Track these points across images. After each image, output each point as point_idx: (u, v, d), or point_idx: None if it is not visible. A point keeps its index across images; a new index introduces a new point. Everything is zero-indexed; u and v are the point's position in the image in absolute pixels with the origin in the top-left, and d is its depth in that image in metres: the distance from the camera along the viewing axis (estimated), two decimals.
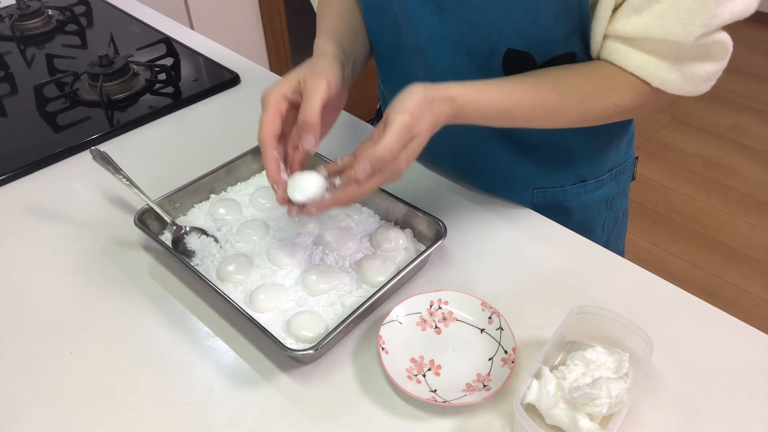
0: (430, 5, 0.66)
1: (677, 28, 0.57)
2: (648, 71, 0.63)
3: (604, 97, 0.65)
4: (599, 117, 0.67)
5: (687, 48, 0.60)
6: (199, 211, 0.79)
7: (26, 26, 1.25)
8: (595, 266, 0.73)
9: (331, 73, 0.64)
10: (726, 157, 2.46)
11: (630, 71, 0.63)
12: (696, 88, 0.63)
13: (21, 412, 0.59)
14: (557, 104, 0.65)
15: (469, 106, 0.62)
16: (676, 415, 0.57)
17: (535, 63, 0.66)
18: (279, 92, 0.62)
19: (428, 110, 0.59)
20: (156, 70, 1.09)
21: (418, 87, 0.60)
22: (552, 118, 0.67)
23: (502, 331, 0.63)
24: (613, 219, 0.90)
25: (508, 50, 0.65)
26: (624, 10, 0.60)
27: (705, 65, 0.62)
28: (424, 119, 0.59)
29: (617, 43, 0.63)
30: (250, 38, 2.19)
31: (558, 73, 0.66)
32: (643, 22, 0.59)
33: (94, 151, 0.78)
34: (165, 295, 0.70)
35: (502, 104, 0.64)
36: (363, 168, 0.57)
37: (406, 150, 0.58)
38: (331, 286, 0.68)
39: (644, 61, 0.62)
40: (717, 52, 0.61)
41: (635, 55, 0.62)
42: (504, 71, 0.67)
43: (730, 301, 1.90)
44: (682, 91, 0.63)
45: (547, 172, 0.81)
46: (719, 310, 0.67)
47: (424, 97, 0.59)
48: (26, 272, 0.74)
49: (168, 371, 0.62)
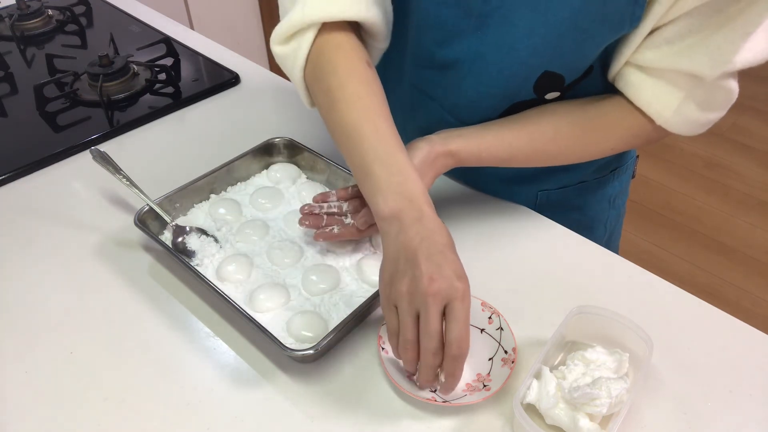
0: (475, 21, 0.64)
1: (704, 61, 0.58)
2: (654, 109, 0.64)
3: (604, 142, 0.69)
4: (598, 156, 0.73)
5: (701, 88, 0.61)
6: (199, 211, 0.79)
7: (26, 26, 1.25)
8: (595, 266, 0.73)
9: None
10: (726, 157, 2.45)
11: (638, 105, 0.65)
12: (693, 131, 0.66)
13: (21, 412, 0.59)
14: (555, 153, 0.70)
15: (470, 159, 0.67)
16: (676, 415, 0.57)
17: (564, 82, 0.66)
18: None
19: (430, 167, 0.65)
20: (156, 70, 1.09)
21: (422, 144, 0.65)
22: (552, 162, 0.72)
23: (502, 331, 0.63)
24: (616, 217, 0.91)
25: (544, 72, 0.65)
26: (655, 40, 0.60)
27: (708, 114, 0.64)
28: (427, 175, 0.64)
29: (635, 73, 0.64)
30: (250, 38, 2.19)
31: (558, 121, 0.68)
32: (673, 53, 0.60)
33: (94, 151, 0.78)
34: (165, 295, 0.70)
35: (502, 155, 0.68)
36: (363, 222, 0.66)
37: None
38: (331, 286, 0.68)
39: (654, 97, 0.64)
40: (725, 100, 0.63)
41: (648, 88, 0.63)
42: (534, 91, 0.67)
43: (730, 301, 1.90)
44: (681, 132, 0.66)
45: (551, 174, 0.81)
46: (719, 310, 0.67)
47: (427, 155, 0.64)
48: (26, 272, 0.74)
49: (168, 371, 0.62)
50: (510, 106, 0.70)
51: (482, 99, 0.70)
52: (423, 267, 0.50)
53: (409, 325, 0.52)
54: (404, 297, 0.51)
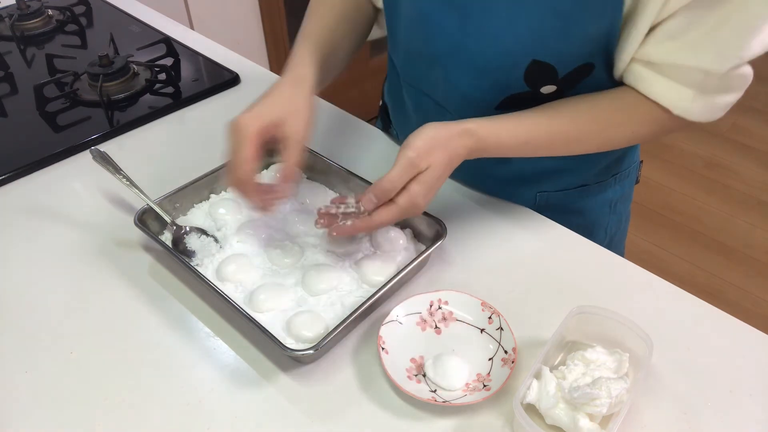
0: (456, 12, 0.65)
1: (710, 57, 0.58)
2: (670, 100, 0.63)
3: (624, 126, 0.67)
4: (619, 143, 0.69)
5: (713, 79, 0.60)
6: (199, 211, 0.79)
7: (26, 26, 1.25)
8: (595, 266, 0.73)
9: (310, 111, 0.67)
10: (726, 157, 2.46)
11: (652, 98, 0.64)
12: (713, 116, 0.64)
13: (21, 412, 0.59)
14: (577, 134, 0.67)
15: (489, 138, 0.64)
16: (676, 415, 0.57)
17: (557, 74, 0.66)
18: (257, 128, 0.63)
19: (440, 146, 0.61)
20: (156, 70, 1.09)
21: (431, 126, 0.62)
22: (572, 147, 0.68)
23: (502, 331, 0.63)
24: (617, 222, 0.90)
25: (532, 61, 0.64)
26: (657, 35, 0.60)
27: (725, 96, 0.63)
28: (434, 154, 0.61)
29: (643, 69, 0.63)
30: (250, 38, 2.19)
31: (576, 105, 0.67)
32: (677, 48, 0.59)
33: (94, 151, 0.78)
34: (165, 295, 0.70)
35: (522, 136, 0.65)
36: (368, 198, 0.62)
37: (418, 182, 0.61)
38: (331, 286, 0.68)
39: (667, 89, 0.63)
40: (738, 83, 0.62)
41: (660, 82, 0.63)
42: (525, 82, 0.67)
43: (730, 301, 1.90)
44: (701, 119, 0.64)
45: (550, 176, 0.81)
46: (719, 310, 0.67)
47: (434, 136, 0.61)
48: (26, 272, 0.74)
49: (168, 371, 0.62)
50: (505, 98, 0.70)
51: (473, 91, 0.70)
52: None
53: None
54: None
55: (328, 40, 0.74)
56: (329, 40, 0.74)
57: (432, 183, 0.61)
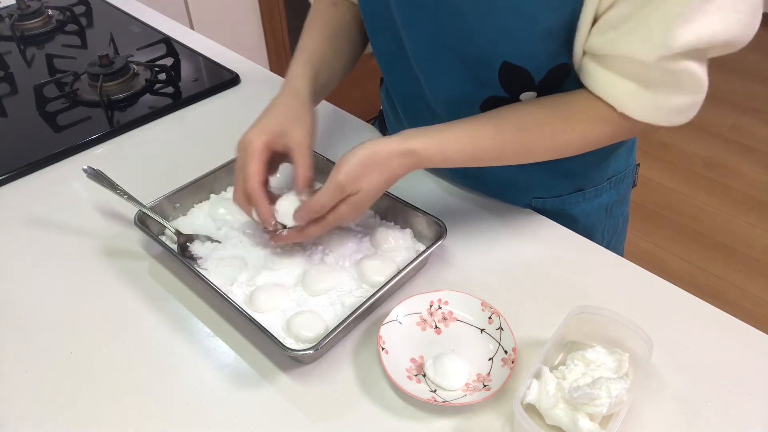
0: (429, 16, 0.65)
1: (637, 45, 0.56)
2: (612, 95, 0.61)
3: (572, 131, 0.65)
4: (571, 150, 0.67)
5: (652, 71, 0.58)
6: (199, 211, 0.79)
7: (26, 26, 1.25)
8: (595, 266, 0.73)
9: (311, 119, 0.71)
10: (726, 157, 2.45)
11: (597, 94, 0.62)
12: (667, 119, 0.61)
13: (21, 412, 0.59)
14: (525, 144, 0.67)
15: (435, 156, 0.65)
16: (676, 415, 0.57)
17: (532, 78, 0.65)
18: (262, 142, 0.67)
19: (375, 167, 0.63)
20: (156, 70, 1.09)
21: (369, 145, 0.64)
22: (522, 157, 0.68)
23: (502, 331, 0.63)
24: (613, 226, 0.90)
25: (504, 63, 0.64)
26: (601, 25, 0.58)
27: (675, 97, 0.60)
28: (366, 178, 0.63)
29: (590, 62, 0.62)
30: (250, 38, 2.19)
31: (523, 112, 0.66)
32: (616, 37, 0.57)
33: (88, 170, 0.76)
34: (165, 295, 0.70)
35: (469, 150, 0.66)
36: (300, 215, 0.66)
37: (347, 204, 0.64)
38: (331, 286, 0.68)
39: (611, 83, 0.61)
40: (688, 84, 0.59)
41: (604, 76, 0.61)
42: (501, 85, 0.67)
43: (730, 301, 1.90)
44: (649, 119, 0.61)
45: (544, 182, 0.80)
46: (719, 310, 0.67)
47: (369, 155, 0.63)
48: (26, 272, 0.74)
49: (168, 371, 0.62)
50: (485, 100, 0.69)
51: (455, 90, 0.70)
52: None
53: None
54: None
55: (323, 54, 0.77)
56: (324, 54, 0.77)
57: (361, 204, 0.65)
